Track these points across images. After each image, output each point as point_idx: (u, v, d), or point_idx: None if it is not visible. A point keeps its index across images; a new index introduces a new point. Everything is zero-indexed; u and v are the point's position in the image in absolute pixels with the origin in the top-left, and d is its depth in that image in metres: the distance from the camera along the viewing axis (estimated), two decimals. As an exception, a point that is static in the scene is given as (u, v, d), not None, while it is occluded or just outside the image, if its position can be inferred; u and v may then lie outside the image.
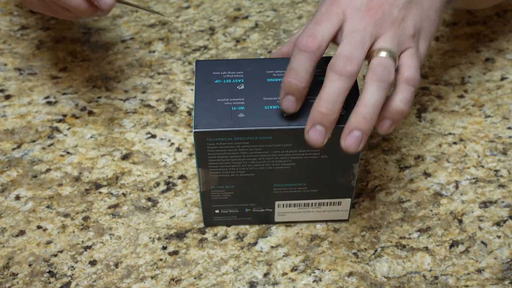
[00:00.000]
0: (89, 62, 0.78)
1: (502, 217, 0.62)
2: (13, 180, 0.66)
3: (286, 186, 0.58)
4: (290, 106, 0.52)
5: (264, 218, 0.61)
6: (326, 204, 0.60)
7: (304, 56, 0.51)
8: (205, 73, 0.57)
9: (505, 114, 0.71)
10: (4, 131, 0.70)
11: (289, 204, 0.59)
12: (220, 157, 0.55)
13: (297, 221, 0.61)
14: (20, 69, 0.77)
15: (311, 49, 0.51)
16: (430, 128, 0.70)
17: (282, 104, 0.52)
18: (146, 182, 0.65)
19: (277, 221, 0.61)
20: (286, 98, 0.52)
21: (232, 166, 0.56)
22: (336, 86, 0.49)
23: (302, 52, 0.51)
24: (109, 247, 0.60)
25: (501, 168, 0.66)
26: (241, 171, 0.56)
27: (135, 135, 0.70)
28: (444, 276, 0.58)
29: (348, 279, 0.58)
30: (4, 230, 0.62)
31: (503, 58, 0.77)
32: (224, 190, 0.58)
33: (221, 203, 0.59)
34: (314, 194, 0.59)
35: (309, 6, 0.85)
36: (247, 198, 0.59)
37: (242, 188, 0.58)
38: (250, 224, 0.61)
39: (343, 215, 0.61)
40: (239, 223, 0.61)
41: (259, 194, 0.58)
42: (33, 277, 0.58)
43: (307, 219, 0.61)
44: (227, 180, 0.57)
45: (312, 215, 0.61)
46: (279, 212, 0.60)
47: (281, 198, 0.59)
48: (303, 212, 0.60)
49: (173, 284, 0.58)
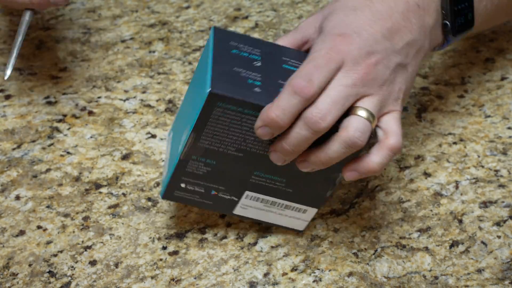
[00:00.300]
0: (89, 62, 0.78)
1: (502, 217, 0.62)
2: (13, 180, 0.66)
3: (266, 178, 0.56)
4: (265, 135, 0.51)
5: (224, 207, 0.59)
6: (292, 209, 0.58)
7: (296, 99, 0.49)
8: (222, 40, 0.54)
9: (505, 114, 0.71)
10: (4, 131, 0.70)
11: (257, 198, 0.58)
12: (219, 126, 0.52)
13: (250, 219, 0.60)
14: (20, 69, 0.77)
15: (305, 95, 0.49)
16: (430, 128, 0.70)
17: (257, 131, 0.51)
18: (146, 182, 0.65)
19: (235, 213, 0.59)
20: (263, 128, 0.51)
21: (226, 140, 0.53)
22: (302, 136, 0.50)
23: (296, 95, 0.49)
24: (109, 247, 0.60)
25: (501, 168, 0.66)
26: (232, 148, 0.53)
27: (135, 135, 0.70)
28: (444, 276, 0.58)
29: (348, 279, 0.58)
30: (4, 230, 0.62)
31: (503, 58, 0.77)
32: (204, 164, 0.55)
33: (193, 177, 0.56)
34: (287, 194, 0.57)
35: (309, 6, 0.85)
36: (221, 180, 0.56)
37: (222, 167, 0.55)
38: (207, 209, 0.59)
39: (301, 225, 0.60)
40: (198, 204, 0.58)
41: (235, 178, 0.56)
42: (33, 277, 0.58)
43: (264, 220, 0.59)
44: (213, 154, 0.54)
45: (272, 216, 0.59)
46: (243, 204, 0.58)
47: (254, 189, 0.57)
48: (265, 211, 0.59)
49: (173, 284, 0.58)
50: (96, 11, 0.84)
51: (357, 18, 0.53)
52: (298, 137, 0.50)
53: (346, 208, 0.63)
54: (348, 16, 0.53)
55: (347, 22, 0.53)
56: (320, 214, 0.63)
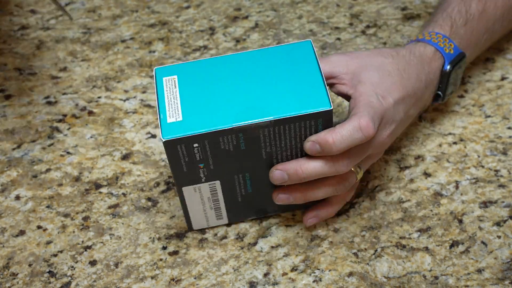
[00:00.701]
0: (89, 62, 0.78)
1: (502, 217, 0.62)
2: (13, 180, 0.66)
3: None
4: (311, 151, 0.55)
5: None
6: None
7: (358, 135, 0.54)
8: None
9: (505, 114, 0.71)
10: (4, 131, 0.70)
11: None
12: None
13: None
14: (20, 69, 0.77)
15: (368, 135, 0.55)
16: (430, 128, 0.70)
17: (307, 143, 0.55)
18: (146, 182, 0.65)
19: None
20: (314, 144, 0.54)
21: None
22: (321, 170, 0.55)
23: (360, 132, 0.54)
24: (109, 247, 0.60)
25: (501, 168, 0.66)
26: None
27: (135, 135, 0.70)
28: (444, 276, 0.58)
29: (348, 279, 0.58)
30: (4, 230, 0.62)
31: (503, 58, 0.77)
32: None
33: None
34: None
35: (309, 6, 0.85)
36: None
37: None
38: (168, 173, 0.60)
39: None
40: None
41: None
42: (33, 277, 0.58)
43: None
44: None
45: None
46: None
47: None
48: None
49: (173, 284, 0.58)
50: (96, 11, 0.84)
51: (392, 83, 0.60)
52: (318, 170, 0.55)
53: (346, 208, 0.63)
54: (384, 80, 0.60)
55: (385, 84, 0.59)
56: (320, 214, 0.63)
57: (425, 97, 0.64)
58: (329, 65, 0.61)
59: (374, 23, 0.82)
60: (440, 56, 0.64)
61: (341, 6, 0.84)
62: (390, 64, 0.61)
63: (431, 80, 0.64)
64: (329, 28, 0.81)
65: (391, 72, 0.60)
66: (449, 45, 0.65)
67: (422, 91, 0.62)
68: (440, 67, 0.64)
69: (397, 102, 0.59)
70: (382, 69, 0.60)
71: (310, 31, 0.81)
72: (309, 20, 0.82)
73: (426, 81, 0.63)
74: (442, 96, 0.65)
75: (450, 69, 0.64)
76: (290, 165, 0.56)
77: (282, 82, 0.55)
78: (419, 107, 0.63)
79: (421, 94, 0.62)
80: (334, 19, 0.83)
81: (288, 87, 0.55)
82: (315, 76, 0.55)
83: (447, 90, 0.65)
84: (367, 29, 0.81)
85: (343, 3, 0.85)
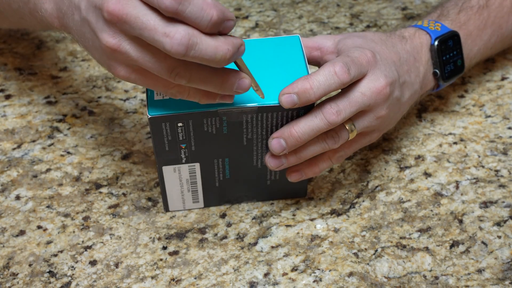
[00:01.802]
0: (89, 62, 0.78)
1: (502, 217, 0.62)
2: (13, 180, 0.66)
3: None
4: (288, 104, 0.54)
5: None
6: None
7: (334, 80, 0.54)
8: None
9: (506, 114, 0.71)
10: (4, 131, 0.70)
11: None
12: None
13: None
14: (20, 69, 0.77)
15: (343, 80, 0.54)
16: (431, 128, 0.70)
17: (282, 97, 0.53)
18: (146, 182, 0.65)
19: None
20: (290, 96, 0.54)
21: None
22: (315, 124, 0.55)
23: (336, 76, 0.54)
24: (109, 247, 0.60)
25: (502, 168, 0.66)
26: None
27: (135, 135, 0.70)
28: (445, 276, 0.58)
29: (348, 279, 0.58)
30: (4, 230, 0.62)
31: (504, 58, 0.77)
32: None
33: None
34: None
35: (309, 6, 0.85)
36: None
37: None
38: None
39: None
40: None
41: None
42: (33, 277, 0.58)
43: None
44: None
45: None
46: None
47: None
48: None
49: (173, 284, 0.58)
50: (96, 11, 0.84)
51: (376, 46, 0.60)
52: (310, 125, 0.55)
53: (346, 208, 0.63)
54: (368, 43, 0.60)
55: (369, 45, 0.60)
56: (320, 214, 0.63)
57: (421, 70, 0.63)
58: (314, 39, 0.62)
59: (375, 23, 0.82)
60: (424, 32, 0.65)
61: (342, 6, 0.84)
62: (371, 34, 0.63)
63: (419, 53, 0.64)
64: (329, 28, 0.81)
65: (373, 39, 0.61)
66: (436, 24, 0.65)
67: (412, 62, 0.62)
68: (427, 43, 0.64)
69: (385, 59, 0.59)
70: (365, 37, 0.62)
71: (311, 31, 0.81)
72: (309, 20, 0.82)
73: (414, 52, 0.63)
74: (439, 74, 0.65)
75: (438, 44, 0.64)
76: (283, 130, 0.55)
77: (269, 72, 0.57)
78: (417, 78, 0.63)
79: (413, 64, 0.62)
80: (335, 19, 0.83)
81: (274, 77, 0.56)
82: (301, 68, 0.57)
83: (444, 68, 0.65)
84: (367, 29, 0.81)
85: (343, 3, 0.85)
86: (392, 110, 0.59)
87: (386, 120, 0.59)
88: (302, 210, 0.63)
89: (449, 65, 0.65)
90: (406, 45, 0.63)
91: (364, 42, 0.60)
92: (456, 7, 0.68)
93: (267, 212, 0.63)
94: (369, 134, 0.60)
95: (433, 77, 0.65)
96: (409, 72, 0.62)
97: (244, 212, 0.63)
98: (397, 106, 0.60)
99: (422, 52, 0.64)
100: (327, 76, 0.54)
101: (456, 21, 0.67)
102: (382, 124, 0.59)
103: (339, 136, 0.57)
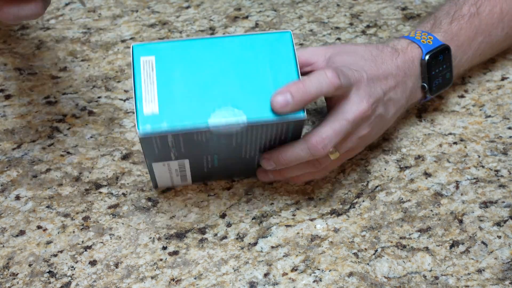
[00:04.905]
0: (89, 62, 0.78)
1: (502, 217, 0.62)
2: (13, 180, 0.66)
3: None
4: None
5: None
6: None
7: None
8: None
9: (506, 114, 0.71)
10: (4, 131, 0.70)
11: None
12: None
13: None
14: (20, 69, 0.77)
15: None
16: (431, 128, 0.70)
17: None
18: (146, 182, 0.65)
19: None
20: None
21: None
22: (300, 156, 0.58)
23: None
24: (109, 247, 0.60)
25: (502, 168, 0.66)
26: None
27: (135, 135, 0.70)
28: (445, 276, 0.58)
29: (348, 279, 0.58)
30: (4, 230, 0.62)
31: (504, 58, 0.77)
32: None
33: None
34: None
35: (309, 6, 0.84)
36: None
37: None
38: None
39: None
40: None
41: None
42: (33, 277, 0.58)
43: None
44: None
45: None
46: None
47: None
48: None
49: (173, 284, 0.58)
50: (96, 11, 0.84)
51: (365, 64, 0.61)
52: (296, 156, 0.58)
53: (346, 208, 0.63)
54: (357, 62, 0.61)
55: (358, 64, 0.61)
56: (320, 214, 0.63)
57: (408, 84, 0.64)
58: (306, 54, 0.63)
59: (375, 23, 0.82)
60: (416, 46, 0.65)
61: (341, 6, 0.84)
62: (363, 50, 0.63)
63: (410, 68, 0.64)
64: (329, 28, 0.81)
65: (364, 56, 0.62)
66: (428, 37, 0.66)
67: (402, 76, 0.63)
68: (419, 57, 0.65)
69: (371, 78, 0.60)
70: (355, 53, 0.63)
71: (310, 31, 0.81)
72: (309, 20, 0.82)
73: (404, 67, 0.64)
74: (427, 88, 0.66)
75: (429, 59, 0.65)
76: (272, 154, 0.59)
77: (260, 77, 0.56)
78: (403, 94, 0.64)
79: (402, 79, 0.63)
80: (334, 19, 0.83)
81: (265, 84, 0.55)
82: (291, 74, 0.56)
83: (433, 82, 0.66)
84: (367, 29, 0.81)
85: (343, 3, 0.85)
86: (375, 127, 0.61)
87: (368, 138, 0.62)
88: (302, 210, 0.63)
89: (438, 79, 0.67)
90: (398, 60, 0.64)
91: (354, 60, 0.61)
92: (448, 17, 0.69)
93: (267, 212, 0.63)
94: (353, 151, 0.62)
95: (421, 90, 0.66)
96: (396, 88, 0.63)
97: (244, 212, 0.63)
98: (381, 122, 0.62)
99: (413, 67, 0.65)
100: (319, 77, 0.55)
101: (448, 32, 0.68)
102: (364, 141, 0.62)
103: (320, 163, 0.60)
